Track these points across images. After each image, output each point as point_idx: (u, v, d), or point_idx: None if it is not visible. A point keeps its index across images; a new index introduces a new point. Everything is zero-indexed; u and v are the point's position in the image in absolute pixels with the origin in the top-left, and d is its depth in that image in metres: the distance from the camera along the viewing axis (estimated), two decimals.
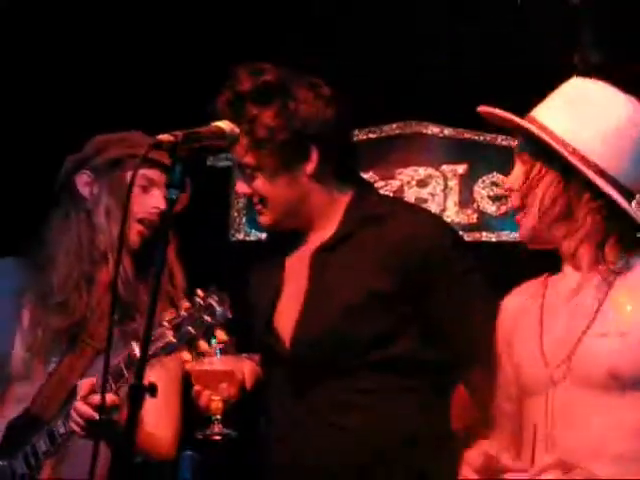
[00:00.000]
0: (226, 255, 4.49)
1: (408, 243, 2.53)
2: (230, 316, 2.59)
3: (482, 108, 2.56)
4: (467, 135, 4.83)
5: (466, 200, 4.73)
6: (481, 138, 4.79)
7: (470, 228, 4.53)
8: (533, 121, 2.47)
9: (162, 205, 2.99)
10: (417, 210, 2.84)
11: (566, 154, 2.38)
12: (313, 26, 4.43)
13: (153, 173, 3.00)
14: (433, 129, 4.73)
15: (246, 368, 2.77)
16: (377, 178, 4.63)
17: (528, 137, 2.46)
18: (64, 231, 2.97)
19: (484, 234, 4.53)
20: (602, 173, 2.36)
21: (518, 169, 2.48)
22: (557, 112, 2.48)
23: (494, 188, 4.82)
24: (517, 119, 2.48)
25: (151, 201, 2.98)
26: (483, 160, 4.80)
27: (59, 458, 2.94)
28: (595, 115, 2.44)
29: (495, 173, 4.77)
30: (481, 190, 4.80)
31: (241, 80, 2.58)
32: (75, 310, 2.94)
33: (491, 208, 4.79)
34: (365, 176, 3.66)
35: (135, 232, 2.99)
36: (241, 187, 2.62)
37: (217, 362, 2.74)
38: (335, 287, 2.57)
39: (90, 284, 2.96)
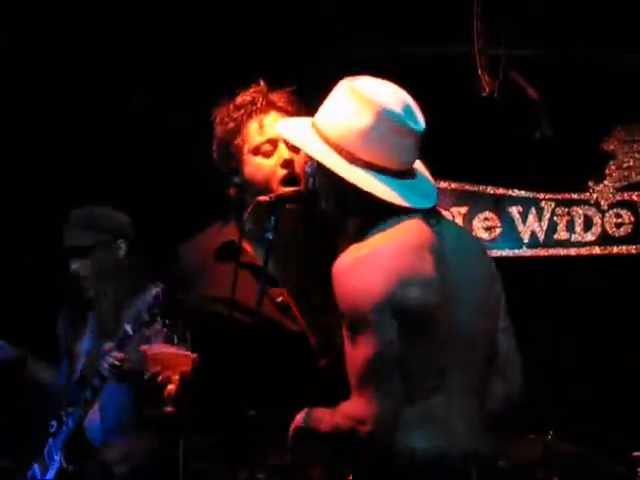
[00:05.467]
0: None
1: None
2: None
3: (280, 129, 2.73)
4: (466, 187, 5.42)
5: (468, 230, 4.99)
6: (475, 188, 5.39)
7: None
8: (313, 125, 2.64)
9: None
10: None
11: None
12: None
13: None
14: (443, 184, 5.24)
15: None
16: None
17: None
18: None
19: None
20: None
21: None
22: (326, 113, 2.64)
23: (485, 222, 5.39)
24: (291, 138, 2.68)
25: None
26: (478, 203, 5.36)
27: None
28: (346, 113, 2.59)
29: (487, 212, 5.41)
30: (477, 223, 5.39)
31: None
32: None
33: (484, 235, 5.36)
34: None
35: None
36: None
37: (172, 347, 2.63)
38: None
39: None
